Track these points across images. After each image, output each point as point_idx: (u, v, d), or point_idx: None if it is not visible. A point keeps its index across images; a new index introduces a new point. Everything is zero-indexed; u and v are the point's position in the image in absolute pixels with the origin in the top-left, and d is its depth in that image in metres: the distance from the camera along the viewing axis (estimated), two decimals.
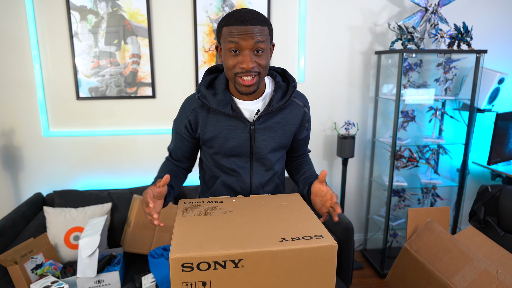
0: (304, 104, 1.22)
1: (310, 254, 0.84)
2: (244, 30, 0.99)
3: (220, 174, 1.22)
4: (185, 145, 1.24)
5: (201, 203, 1.07)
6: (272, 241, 0.84)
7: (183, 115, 1.19)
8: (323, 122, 2.68)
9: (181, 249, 0.81)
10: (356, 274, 2.60)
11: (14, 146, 2.42)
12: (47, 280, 1.79)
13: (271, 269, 0.83)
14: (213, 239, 0.85)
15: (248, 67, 1.00)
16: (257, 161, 1.20)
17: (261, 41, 1.01)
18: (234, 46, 1.01)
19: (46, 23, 2.29)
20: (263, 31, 1.02)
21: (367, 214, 2.87)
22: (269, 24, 1.06)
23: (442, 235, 1.46)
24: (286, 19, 2.49)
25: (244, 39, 0.99)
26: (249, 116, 1.15)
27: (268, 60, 1.06)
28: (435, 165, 2.68)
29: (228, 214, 1.00)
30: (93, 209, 2.17)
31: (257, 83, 1.05)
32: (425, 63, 2.61)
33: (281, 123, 1.18)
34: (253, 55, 1.02)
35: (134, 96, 2.46)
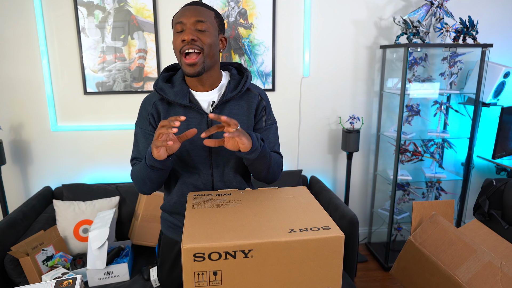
0: (259, 93, 1.21)
1: (318, 244, 0.86)
2: (188, 8, 1.07)
3: (181, 173, 1.19)
4: None
5: (210, 196, 1.09)
6: (281, 232, 0.87)
7: (144, 112, 1.18)
8: (328, 116, 2.69)
9: (193, 239, 0.83)
10: (361, 267, 2.62)
11: (23, 141, 2.45)
12: (57, 272, 1.83)
13: (280, 259, 0.85)
14: (223, 230, 0.87)
15: (188, 38, 1.03)
16: (216, 155, 1.18)
17: (203, 20, 1.06)
18: (179, 25, 1.06)
19: (54, 18, 2.31)
20: (208, 13, 1.08)
21: (372, 207, 2.89)
22: (217, 14, 1.12)
23: (447, 228, 1.48)
24: (291, 14, 2.49)
25: (186, 16, 1.05)
26: (206, 108, 1.15)
27: (213, 42, 1.08)
28: (440, 159, 2.69)
29: (237, 206, 1.02)
30: (101, 202, 2.20)
31: (201, 63, 1.06)
32: (430, 57, 2.60)
33: (237, 114, 1.17)
34: (195, 31, 1.06)
35: (140, 90, 2.48)
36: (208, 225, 0.90)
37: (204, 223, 0.91)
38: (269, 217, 0.95)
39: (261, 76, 2.57)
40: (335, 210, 2.17)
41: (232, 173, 1.21)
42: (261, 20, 2.48)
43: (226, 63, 1.26)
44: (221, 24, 1.13)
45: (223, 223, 0.91)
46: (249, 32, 2.49)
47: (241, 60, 2.52)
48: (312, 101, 2.65)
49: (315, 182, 2.59)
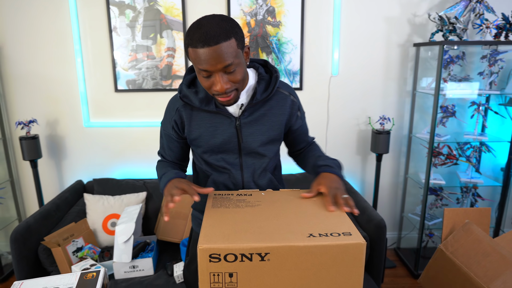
0: (290, 93, 1.18)
1: (338, 251, 0.82)
2: (209, 52, 0.91)
3: (211, 172, 1.20)
4: (175, 146, 1.21)
5: (230, 196, 1.08)
6: (299, 236, 0.84)
7: (169, 116, 1.16)
8: (357, 117, 2.61)
9: (209, 240, 0.82)
10: (389, 273, 2.53)
11: (58, 136, 2.56)
12: (86, 263, 1.90)
13: (298, 264, 0.83)
14: (240, 232, 0.86)
15: (223, 89, 0.97)
16: (246, 156, 1.17)
17: (230, 62, 0.94)
18: (204, 72, 0.96)
19: (88, 18, 2.39)
20: (230, 47, 0.93)
21: (402, 212, 2.78)
22: (236, 32, 0.95)
23: (481, 238, 1.39)
24: (320, 11, 2.44)
25: (211, 64, 0.93)
26: (234, 111, 1.12)
27: (243, 72, 1.01)
28: (477, 163, 2.54)
29: (257, 207, 1.00)
30: (129, 197, 2.26)
31: (235, 97, 1.03)
32: (468, 55, 2.47)
33: (268, 115, 1.14)
34: (225, 75, 0.96)
35: (169, 88, 2.52)
36: (226, 226, 0.89)
37: (222, 224, 0.90)
38: (289, 220, 0.93)
39: (289, 74, 2.53)
40: (362, 213, 2.11)
41: (263, 173, 1.22)
42: (289, 17, 2.44)
43: (252, 60, 1.21)
44: (242, 40, 0.99)
45: (241, 224, 0.90)
46: (277, 30, 2.46)
47: (268, 59, 2.50)
48: (340, 100, 2.59)
49: None
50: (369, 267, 2.00)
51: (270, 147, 1.19)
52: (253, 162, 1.19)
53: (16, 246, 1.82)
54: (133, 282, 1.85)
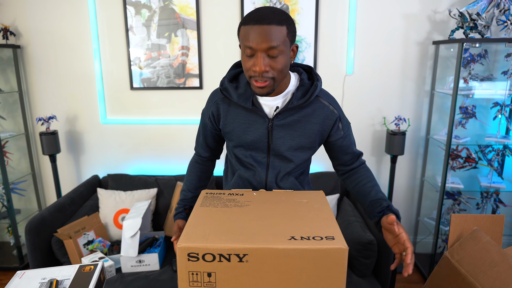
0: (330, 103, 1.15)
1: (318, 255, 0.80)
2: (258, 31, 0.95)
3: (239, 167, 1.23)
4: (210, 135, 1.27)
5: (221, 195, 1.08)
6: (280, 238, 0.83)
7: (208, 106, 1.21)
8: (372, 117, 2.54)
9: (188, 239, 0.82)
10: (401, 278, 2.46)
11: (76, 132, 2.66)
12: (95, 255, 1.96)
13: (277, 267, 0.81)
14: (221, 232, 0.85)
15: (261, 70, 0.97)
16: (274, 158, 1.18)
17: (275, 44, 0.95)
18: (249, 48, 0.98)
19: (106, 18, 2.46)
20: (280, 32, 0.96)
21: (417, 216, 2.69)
22: (289, 24, 0.99)
23: (489, 247, 1.32)
24: (335, 8, 2.39)
25: (257, 42, 0.95)
26: (269, 112, 1.13)
27: (285, 63, 1.01)
28: (499, 167, 2.41)
29: (245, 207, 0.99)
30: (140, 193, 2.31)
31: (271, 87, 1.02)
32: (492, 53, 2.34)
33: (301, 122, 1.13)
34: (267, 58, 0.98)
35: (182, 87, 2.55)
36: (209, 225, 0.89)
37: (205, 223, 0.90)
38: (273, 221, 0.91)
39: None
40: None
41: (287, 176, 1.21)
42: (303, 16, 2.41)
43: (297, 65, 1.19)
44: (293, 35, 1.02)
45: (224, 224, 0.89)
46: None
47: None
48: (355, 100, 2.53)
49: None
50: (377, 272, 1.94)
51: (299, 153, 1.18)
52: (280, 165, 1.19)
53: (31, 237, 1.90)
54: (139, 276, 1.89)
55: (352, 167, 1.25)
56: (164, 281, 1.86)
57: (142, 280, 1.86)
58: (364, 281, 1.89)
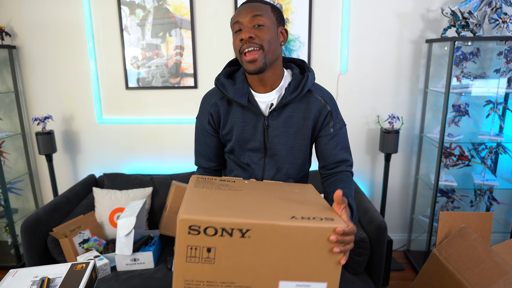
0: (323, 97, 1.13)
1: (319, 234, 0.80)
2: (245, 6, 1.05)
3: (236, 168, 1.22)
4: (212, 141, 1.22)
5: (213, 180, 1.06)
6: (282, 216, 0.81)
7: (204, 110, 1.18)
8: (366, 115, 2.55)
9: (191, 211, 0.79)
10: (396, 276, 2.47)
11: (73, 131, 2.67)
12: (91, 254, 1.98)
13: (278, 244, 0.80)
14: (223, 208, 0.83)
15: (246, 36, 1.01)
16: (271, 158, 1.17)
17: (259, 14, 1.02)
18: (237, 25, 1.04)
19: (100, 18, 2.47)
20: (264, 9, 1.04)
21: (412, 213, 2.70)
22: (274, 7, 1.08)
23: (476, 244, 1.33)
24: (328, 7, 2.40)
25: (242, 14, 1.03)
26: (265, 109, 1.12)
27: (272, 36, 1.04)
28: (492, 165, 2.42)
29: (239, 191, 0.97)
30: (135, 192, 2.33)
31: (261, 60, 1.02)
32: (484, 52, 2.35)
33: (295, 117, 1.12)
34: (252, 28, 1.03)
35: (177, 86, 2.57)
36: (208, 202, 0.86)
37: (204, 200, 0.87)
38: (272, 203, 0.90)
39: None
40: (364, 214, 2.07)
41: (283, 177, 1.20)
42: (296, 15, 2.42)
43: (290, 60, 1.20)
44: (279, 16, 1.08)
45: (224, 202, 0.87)
46: None
47: None
48: (349, 98, 2.54)
49: None
50: (369, 269, 1.96)
51: (295, 152, 1.16)
52: (276, 165, 1.18)
53: (26, 236, 1.92)
54: (134, 274, 1.90)
55: (334, 171, 1.17)
56: (159, 279, 1.88)
57: (136, 278, 1.88)
58: (356, 278, 1.90)
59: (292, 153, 1.16)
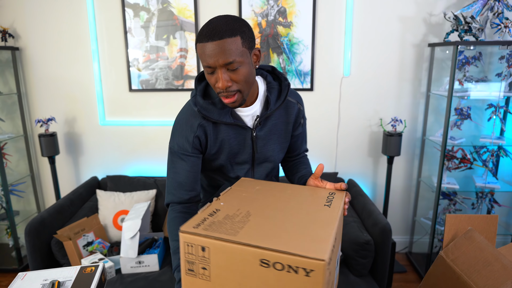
0: (297, 101, 1.19)
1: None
2: (212, 47, 0.92)
3: (223, 182, 1.21)
4: (195, 164, 1.11)
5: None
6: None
7: (186, 134, 1.08)
8: (369, 118, 2.57)
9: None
10: (398, 278, 2.48)
11: (75, 133, 2.67)
12: (95, 257, 1.97)
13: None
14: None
15: (223, 86, 0.96)
16: (258, 166, 1.19)
17: (232, 59, 0.93)
18: (206, 65, 0.96)
19: (104, 20, 2.47)
20: (234, 44, 0.93)
21: (414, 216, 2.72)
22: (243, 32, 0.95)
23: (483, 246, 1.35)
24: (332, 10, 2.41)
25: (213, 58, 0.93)
26: (249, 122, 1.12)
27: (248, 73, 0.98)
28: (494, 168, 2.44)
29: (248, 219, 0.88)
30: (139, 194, 2.32)
31: (240, 100, 1.00)
32: (486, 56, 2.37)
33: (278, 124, 1.16)
34: (227, 72, 0.95)
35: (181, 88, 2.57)
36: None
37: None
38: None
39: (300, 75, 2.52)
40: (368, 217, 2.08)
41: (270, 179, 1.26)
42: (300, 18, 2.43)
43: (259, 67, 1.17)
44: (251, 41, 0.98)
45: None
46: (288, 30, 2.46)
47: (279, 59, 2.50)
48: (352, 101, 2.55)
49: (351, 186, 2.50)
50: (374, 271, 1.97)
51: (280, 155, 1.22)
52: (263, 171, 1.22)
53: (30, 239, 1.91)
54: (139, 277, 1.90)
55: (296, 158, 1.32)
56: (164, 282, 1.88)
57: (141, 281, 1.88)
58: (361, 280, 1.91)
59: (278, 156, 1.21)
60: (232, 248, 0.75)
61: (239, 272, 0.77)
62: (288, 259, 0.71)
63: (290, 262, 0.71)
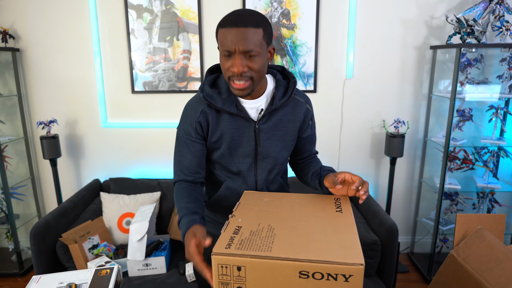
0: (306, 101, 1.20)
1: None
2: (236, 33, 0.96)
3: (225, 178, 1.21)
4: (199, 149, 1.17)
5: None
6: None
7: (191, 119, 1.14)
8: (371, 119, 2.59)
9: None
10: (401, 278, 2.51)
11: (77, 135, 2.64)
12: (101, 260, 1.95)
13: None
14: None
15: (239, 71, 0.99)
16: (261, 161, 1.19)
17: (252, 48, 0.98)
18: (226, 49, 0.99)
19: (107, 21, 2.46)
20: (256, 34, 0.98)
21: (416, 216, 2.75)
22: (266, 26, 1.01)
23: (494, 244, 1.37)
24: (335, 13, 2.43)
25: (234, 43, 0.97)
26: (253, 115, 1.14)
27: (262, 64, 1.03)
28: (494, 168, 2.48)
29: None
30: (143, 196, 2.31)
31: (249, 88, 1.04)
32: (487, 58, 2.41)
33: (284, 121, 1.17)
34: (244, 59, 0.99)
35: (184, 90, 2.57)
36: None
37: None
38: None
39: (303, 77, 2.54)
40: (374, 217, 2.10)
41: (274, 177, 1.24)
42: (304, 20, 2.45)
43: (270, 66, 1.22)
44: (270, 37, 1.05)
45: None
46: (291, 32, 2.47)
47: (283, 61, 2.51)
48: (355, 103, 2.57)
49: None
50: (381, 271, 1.98)
51: (284, 153, 1.22)
52: (267, 167, 1.21)
53: (35, 242, 1.89)
54: (146, 280, 1.89)
55: (306, 159, 1.32)
56: (172, 284, 1.87)
57: (149, 283, 1.87)
58: (368, 280, 1.93)
59: (282, 154, 1.21)
60: (271, 264, 0.76)
61: (277, 286, 0.77)
62: (328, 267, 0.72)
63: (330, 271, 0.72)
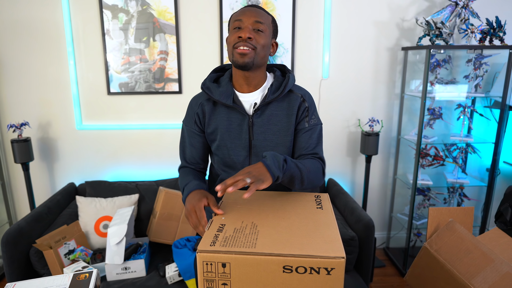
0: (302, 95, 1.21)
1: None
2: (248, 10, 1.13)
3: (221, 172, 1.26)
4: (198, 141, 1.27)
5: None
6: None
7: (191, 111, 1.25)
8: (347, 119, 2.66)
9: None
10: (378, 272, 2.58)
11: (50, 138, 2.57)
12: (78, 265, 1.91)
13: None
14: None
15: (245, 36, 1.08)
16: (256, 155, 1.21)
17: (261, 21, 1.11)
18: (238, 23, 1.11)
19: (81, 21, 2.40)
20: (266, 17, 1.14)
21: (391, 212, 2.84)
22: (274, 20, 1.19)
23: (464, 236, 1.44)
24: (311, 15, 2.48)
25: (246, 15, 1.11)
26: (249, 109, 1.19)
27: (266, 42, 1.13)
28: (463, 164, 2.60)
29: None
30: (121, 199, 2.27)
31: (251, 57, 1.10)
32: (454, 59, 2.53)
33: (279, 115, 1.19)
34: (253, 31, 1.10)
35: (161, 91, 2.55)
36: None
37: None
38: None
39: None
40: (351, 214, 2.15)
41: None
42: (280, 22, 2.48)
43: (272, 65, 1.29)
44: (275, 29, 1.19)
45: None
46: None
47: None
48: (331, 103, 2.63)
49: (332, 185, 2.57)
50: (358, 266, 2.04)
51: (280, 148, 1.20)
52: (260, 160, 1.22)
53: (7, 249, 1.82)
54: (126, 283, 1.86)
55: (304, 157, 1.22)
56: (152, 287, 1.85)
57: (129, 287, 1.84)
58: (347, 275, 1.98)
59: (277, 149, 1.21)
60: (255, 259, 0.78)
61: (261, 282, 0.79)
62: (310, 261, 0.75)
63: (312, 264, 0.75)
